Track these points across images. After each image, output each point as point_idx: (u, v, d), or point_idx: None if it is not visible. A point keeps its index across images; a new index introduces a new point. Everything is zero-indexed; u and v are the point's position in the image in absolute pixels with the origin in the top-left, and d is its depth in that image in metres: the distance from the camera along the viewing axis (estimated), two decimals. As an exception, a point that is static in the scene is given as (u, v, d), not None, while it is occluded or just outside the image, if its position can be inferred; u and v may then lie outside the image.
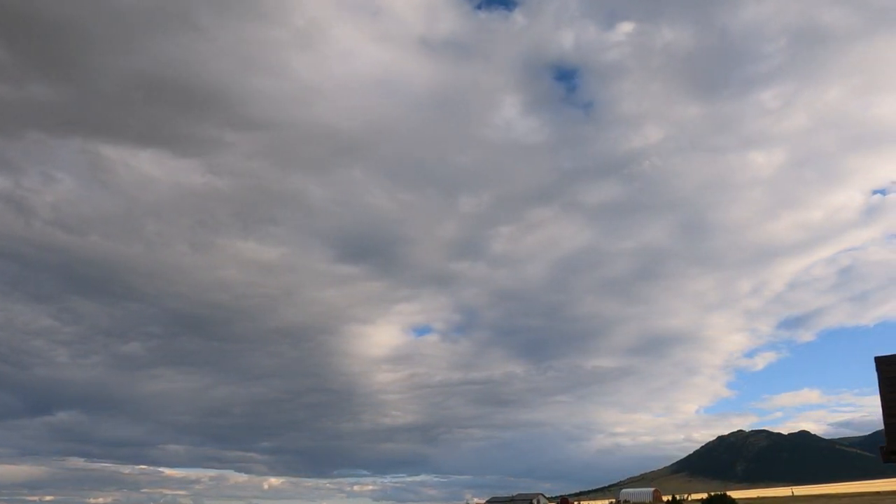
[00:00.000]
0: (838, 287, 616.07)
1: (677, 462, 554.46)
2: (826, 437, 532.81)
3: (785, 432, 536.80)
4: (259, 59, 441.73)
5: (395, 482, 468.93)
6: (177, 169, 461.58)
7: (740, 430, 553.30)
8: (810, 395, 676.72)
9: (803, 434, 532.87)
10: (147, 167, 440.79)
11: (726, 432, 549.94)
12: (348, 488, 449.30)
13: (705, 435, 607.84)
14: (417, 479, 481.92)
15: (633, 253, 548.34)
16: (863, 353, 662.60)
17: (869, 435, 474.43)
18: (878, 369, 19.26)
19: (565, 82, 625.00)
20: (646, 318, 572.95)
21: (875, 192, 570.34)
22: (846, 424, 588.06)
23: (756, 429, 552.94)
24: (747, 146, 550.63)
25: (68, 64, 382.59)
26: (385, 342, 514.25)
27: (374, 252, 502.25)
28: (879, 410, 19.57)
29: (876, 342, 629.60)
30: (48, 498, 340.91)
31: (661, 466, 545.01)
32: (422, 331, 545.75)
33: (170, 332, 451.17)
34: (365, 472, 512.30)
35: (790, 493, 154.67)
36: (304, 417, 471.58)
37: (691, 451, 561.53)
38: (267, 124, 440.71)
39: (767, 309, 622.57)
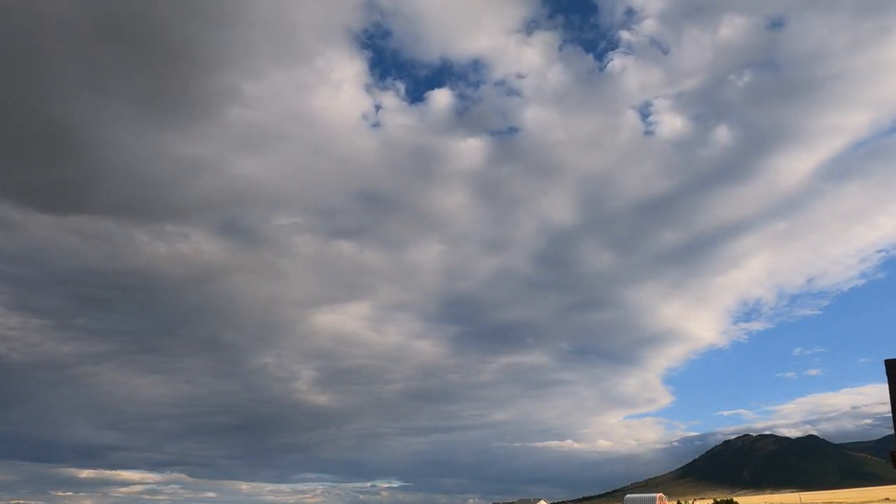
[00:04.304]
0: (780, 274, 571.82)
1: (683, 467, 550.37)
2: (835, 443, 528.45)
3: (792, 437, 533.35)
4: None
5: (357, 487, 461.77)
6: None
7: (747, 435, 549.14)
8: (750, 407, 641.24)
9: (811, 438, 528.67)
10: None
11: (669, 436, 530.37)
12: (309, 493, 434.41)
13: (656, 439, 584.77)
14: (382, 484, 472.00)
15: (533, 233, 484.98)
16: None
17: (879, 440, 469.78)
18: (888, 373, 17.56)
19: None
20: (570, 311, 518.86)
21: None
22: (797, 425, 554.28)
23: (764, 433, 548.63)
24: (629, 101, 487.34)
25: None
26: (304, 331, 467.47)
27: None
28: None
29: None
30: (14, 501, 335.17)
31: (666, 471, 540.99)
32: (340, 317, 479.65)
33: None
34: (315, 476, 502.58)
35: (798, 499, 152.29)
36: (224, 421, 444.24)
37: (697, 456, 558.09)
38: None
39: (705, 300, 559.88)
